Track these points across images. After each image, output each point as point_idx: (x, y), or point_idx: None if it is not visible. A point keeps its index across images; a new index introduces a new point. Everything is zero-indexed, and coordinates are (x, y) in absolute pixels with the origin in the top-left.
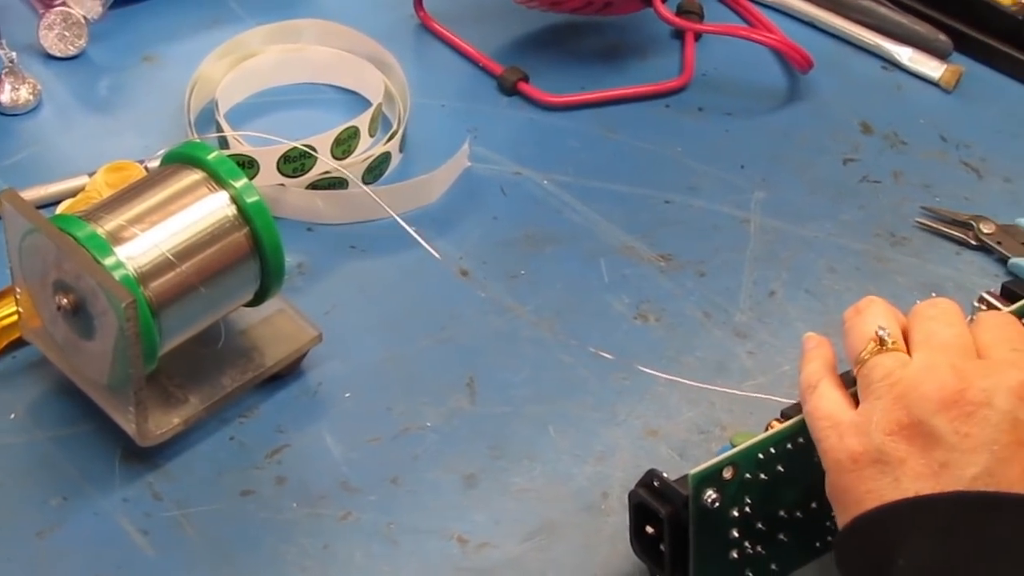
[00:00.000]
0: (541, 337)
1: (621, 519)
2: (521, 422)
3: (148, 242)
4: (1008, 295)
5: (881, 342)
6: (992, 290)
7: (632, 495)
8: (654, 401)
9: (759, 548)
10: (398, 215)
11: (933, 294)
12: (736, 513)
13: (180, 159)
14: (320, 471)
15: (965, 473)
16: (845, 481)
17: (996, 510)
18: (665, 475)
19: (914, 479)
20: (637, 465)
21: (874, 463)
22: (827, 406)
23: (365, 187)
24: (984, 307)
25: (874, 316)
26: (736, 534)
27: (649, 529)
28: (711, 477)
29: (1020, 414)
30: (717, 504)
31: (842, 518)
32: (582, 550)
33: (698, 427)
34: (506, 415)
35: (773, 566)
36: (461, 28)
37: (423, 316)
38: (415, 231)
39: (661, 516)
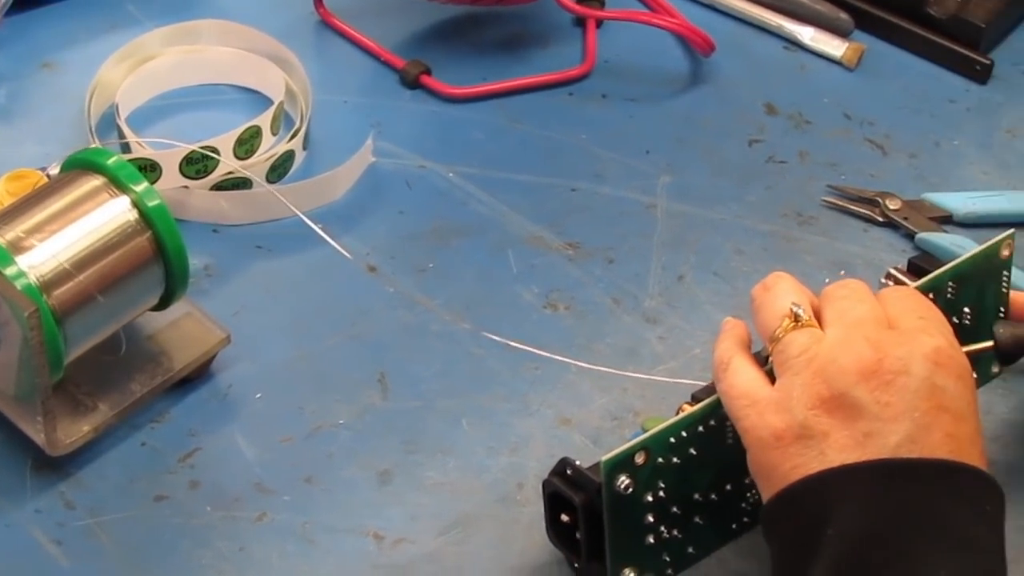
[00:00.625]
0: (451, 330)
1: (537, 509)
2: (434, 416)
3: (50, 250)
4: (915, 270)
5: (795, 318)
6: (899, 266)
7: (546, 484)
8: (566, 390)
9: (675, 532)
10: (303, 213)
11: (842, 273)
12: (650, 498)
13: (80, 165)
14: (233, 473)
15: (889, 441)
16: (770, 458)
17: (919, 475)
18: (578, 463)
19: (839, 451)
20: (551, 454)
21: (798, 439)
22: (743, 384)
23: (269, 186)
24: (891, 283)
25: (785, 292)
26: (651, 519)
27: (564, 518)
28: (623, 463)
29: (937, 379)
30: (630, 490)
31: (768, 494)
32: (499, 542)
33: (611, 414)
34: (419, 409)
35: (690, 549)
36: (362, 23)
37: (332, 313)
38: (321, 228)
39: (575, 504)
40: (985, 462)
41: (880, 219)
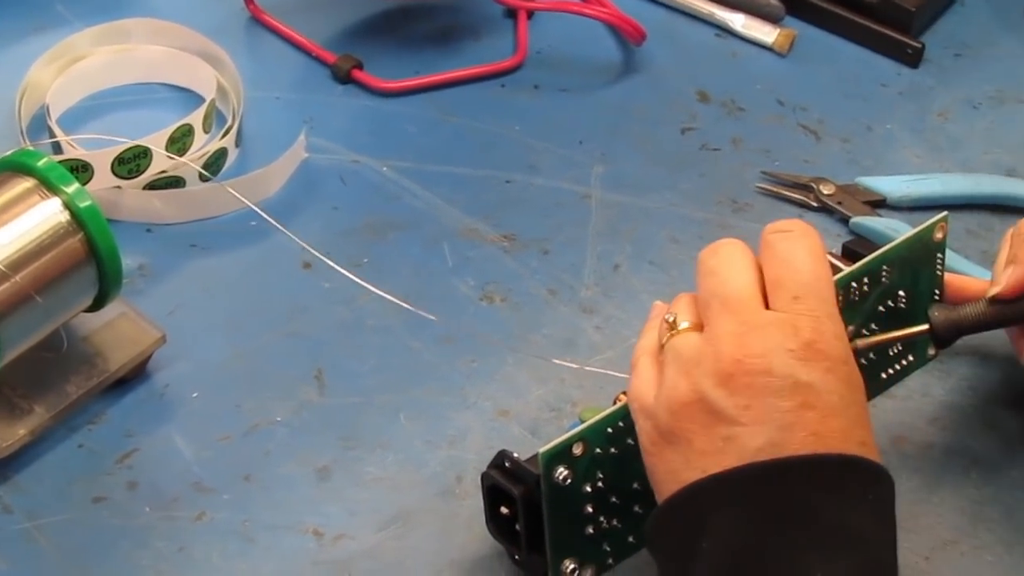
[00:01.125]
0: (387, 325)
1: (476, 502)
2: (372, 411)
3: None
4: (849, 254)
5: (671, 326)
6: (834, 251)
7: (484, 477)
8: (504, 382)
9: (615, 522)
10: (237, 210)
11: None
12: (589, 488)
13: (10, 167)
14: (172, 473)
15: (749, 446)
16: (649, 463)
17: (785, 475)
18: (516, 455)
19: (701, 456)
20: (490, 447)
21: (667, 444)
22: (637, 386)
23: (205, 183)
24: None
25: (674, 304)
26: (591, 509)
27: (504, 510)
28: (561, 454)
29: (801, 376)
30: (569, 481)
31: (659, 501)
32: (439, 535)
33: (549, 405)
34: (356, 405)
35: (630, 538)
36: (292, 19)
37: (268, 310)
38: (255, 225)
39: (514, 497)
40: (872, 451)
41: (814, 204)
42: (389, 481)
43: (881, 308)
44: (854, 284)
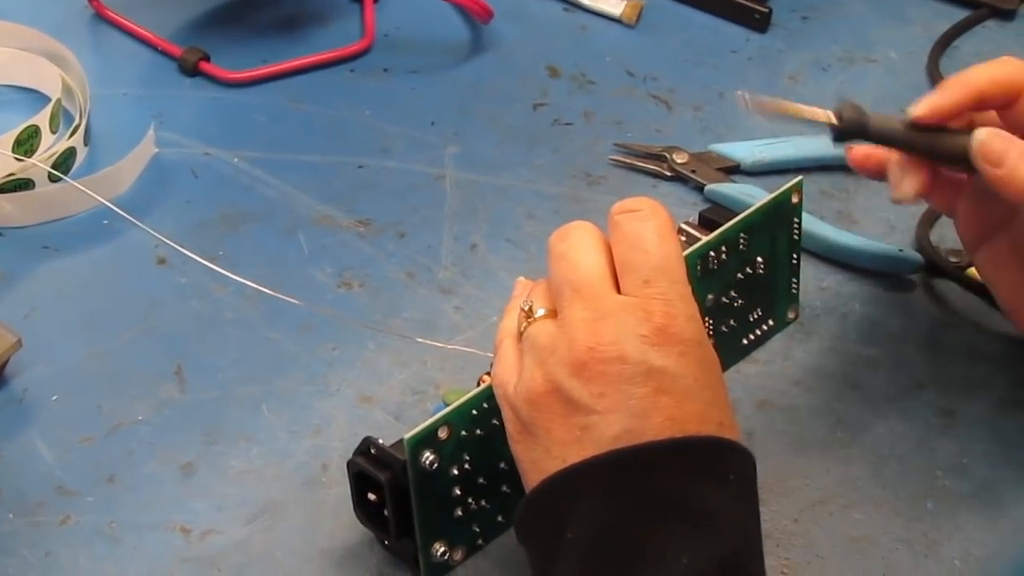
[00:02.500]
0: (246, 317)
1: (344, 490)
2: (234, 405)
3: None
4: (706, 223)
5: (527, 314)
6: (691, 219)
7: (351, 464)
8: (365, 367)
9: (483, 503)
10: (89, 209)
11: None
12: (456, 471)
13: None
14: (34, 478)
15: (606, 434)
16: (515, 452)
17: (642, 461)
18: (380, 441)
19: (561, 446)
20: (354, 434)
21: (528, 434)
22: (500, 372)
23: (56, 182)
24: (684, 238)
25: (533, 291)
26: (459, 491)
27: (372, 496)
28: (427, 439)
29: (655, 361)
30: (436, 465)
31: (526, 490)
32: (307, 526)
33: (412, 388)
34: (218, 399)
35: (499, 518)
36: (136, 14)
37: (124, 309)
38: (107, 223)
39: (381, 483)
40: (732, 430)
41: (668, 174)
42: (254, 474)
43: (740, 275)
44: (712, 253)
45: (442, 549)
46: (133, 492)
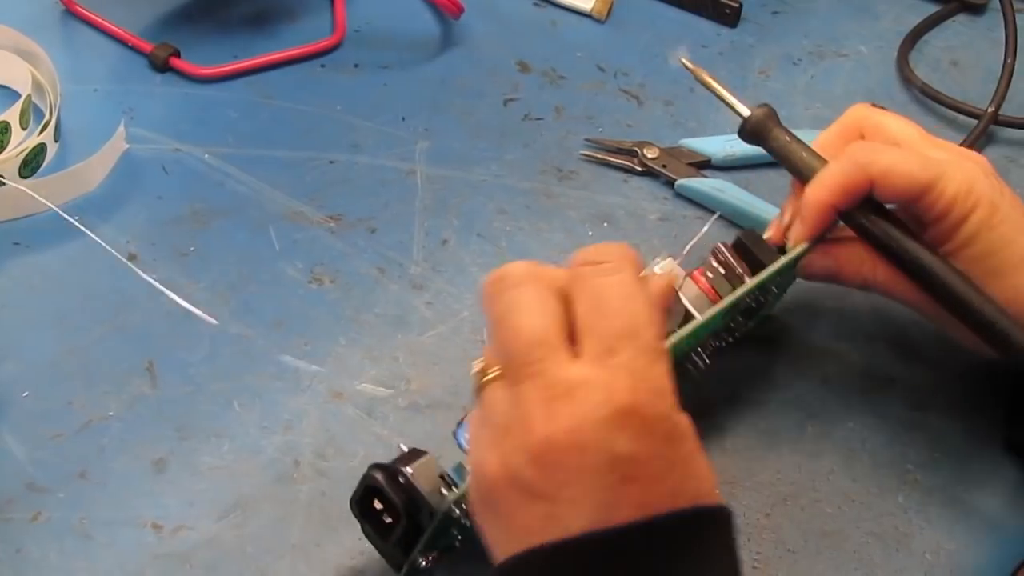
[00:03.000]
0: (217, 313)
1: (315, 486)
2: (205, 400)
3: None
4: (741, 248)
5: (480, 373)
6: (726, 242)
7: (369, 478)
8: (337, 363)
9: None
10: (59, 205)
11: (605, 224)
12: (466, 505)
13: None
14: (5, 474)
15: (571, 527)
16: (480, 521)
17: (614, 546)
18: (410, 472)
19: (524, 533)
20: (326, 429)
21: (490, 512)
22: (472, 430)
23: (23, 182)
24: (717, 261)
25: (487, 343)
26: (464, 521)
27: (378, 504)
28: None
29: (619, 447)
30: (458, 513)
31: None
32: (278, 522)
33: (383, 383)
34: (189, 395)
35: None
36: (106, 10)
37: (95, 305)
38: (78, 220)
39: (400, 511)
40: (709, 492)
41: (639, 169)
42: (226, 470)
43: (753, 303)
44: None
45: (429, 557)
46: (104, 488)
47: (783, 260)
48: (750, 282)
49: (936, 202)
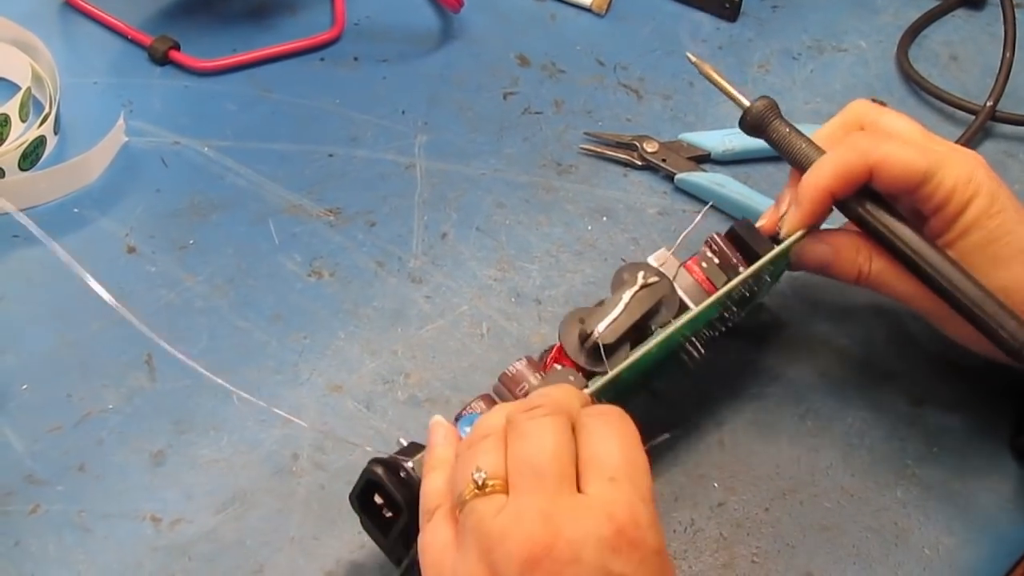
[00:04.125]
0: (216, 306)
1: (313, 479)
2: (204, 393)
3: None
4: (735, 239)
5: (478, 486)
6: (719, 232)
7: (370, 472)
8: (335, 356)
9: None
10: (59, 198)
11: (604, 218)
12: None
13: None
14: (3, 467)
15: None
16: None
17: None
18: (411, 466)
19: None
20: (324, 423)
21: None
22: (435, 549)
23: (25, 172)
24: (711, 251)
25: (483, 451)
26: None
27: (378, 499)
28: None
29: (614, 568)
30: None
31: None
32: (277, 514)
33: (382, 377)
34: (188, 388)
35: None
36: (106, 3)
37: (94, 298)
38: (76, 212)
39: (400, 506)
40: None
41: (639, 162)
42: (224, 463)
43: (747, 293)
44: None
45: None
46: (103, 481)
47: (777, 249)
48: (745, 272)
49: (936, 191)
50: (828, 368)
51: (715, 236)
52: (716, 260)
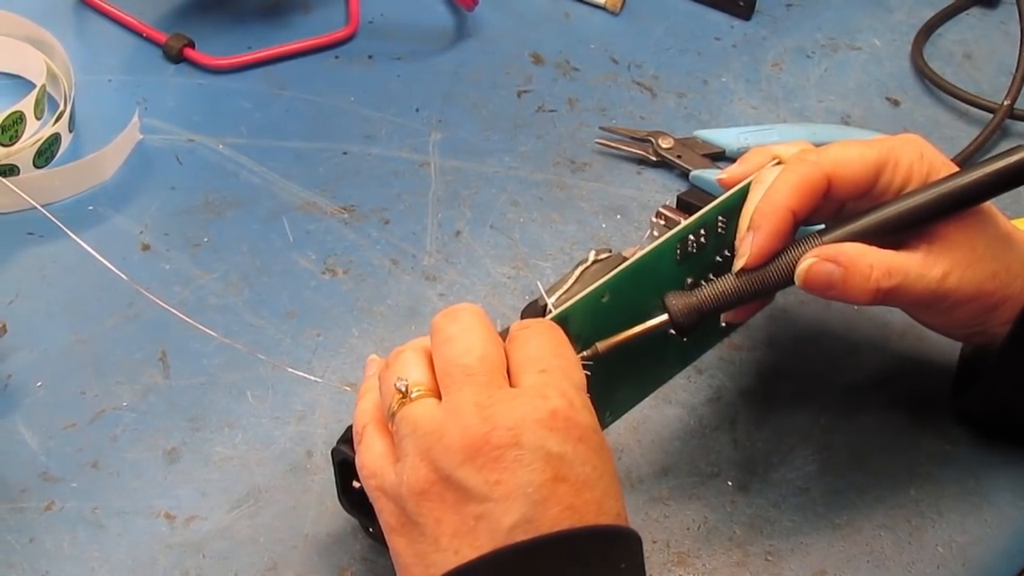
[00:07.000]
0: (230, 303)
1: (328, 476)
2: (218, 391)
3: None
4: (684, 206)
5: (403, 394)
6: (668, 203)
7: (335, 452)
8: (349, 354)
9: None
10: (74, 195)
11: (618, 216)
12: None
13: None
14: (18, 464)
15: (502, 524)
16: (394, 545)
17: (539, 556)
18: None
19: (452, 538)
20: (339, 420)
21: (412, 527)
22: (370, 462)
23: (40, 169)
24: (662, 221)
25: (400, 366)
26: None
27: (356, 485)
28: None
29: (553, 447)
30: None
31: None
32: (291, 512)
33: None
34: (202, 385)
35: None
36: (121, 0)
37: (109, 295)
38: (91, 210)
39: None
40: (624, 517)
41: (654, 159)
42: (238, 460)
43: (719, 258)
44: (691, 237)
45: None
46: (117, 478)
47: (724, 195)
48: (691, 218)
49: (895, 175)
50: (841, 367)
51: (662, 208)
52: (664, 224)
